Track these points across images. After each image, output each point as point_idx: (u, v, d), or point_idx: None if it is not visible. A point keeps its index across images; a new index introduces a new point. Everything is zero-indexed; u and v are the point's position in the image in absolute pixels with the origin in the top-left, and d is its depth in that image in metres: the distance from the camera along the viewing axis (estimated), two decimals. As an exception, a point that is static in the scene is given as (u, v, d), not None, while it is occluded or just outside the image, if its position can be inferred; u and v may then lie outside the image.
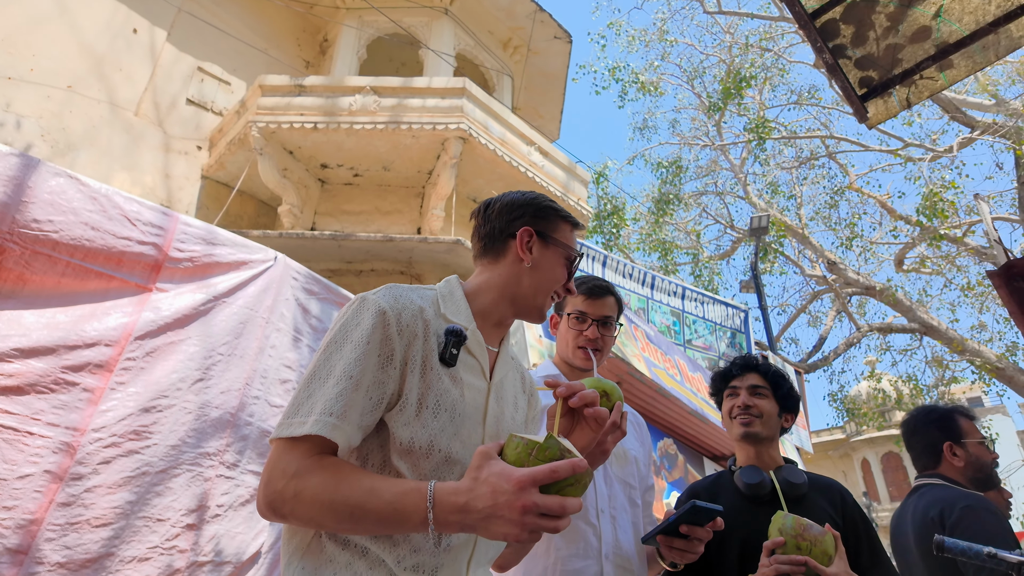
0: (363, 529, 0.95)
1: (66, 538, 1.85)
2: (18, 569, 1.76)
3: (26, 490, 1.83)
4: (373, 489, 0.92)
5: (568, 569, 1.47)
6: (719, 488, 1.81)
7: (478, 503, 0.85)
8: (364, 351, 1.01)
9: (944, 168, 11.50)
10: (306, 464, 0.95)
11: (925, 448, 2.22)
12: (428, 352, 1.06)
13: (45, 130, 5.47)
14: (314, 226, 6.30)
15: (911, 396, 12.26)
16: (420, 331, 1.06)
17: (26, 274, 2.02)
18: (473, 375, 1.12)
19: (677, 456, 5.15)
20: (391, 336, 1.03)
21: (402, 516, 0.89)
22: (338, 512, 0.92)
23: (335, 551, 0.99)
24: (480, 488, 0.86)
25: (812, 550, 1.45)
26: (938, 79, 2.34)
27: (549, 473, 0.84)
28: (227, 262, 2.52)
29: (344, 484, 0.93)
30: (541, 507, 0.83)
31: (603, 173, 14.01)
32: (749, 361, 1.95)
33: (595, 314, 1.77)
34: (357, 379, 0.99)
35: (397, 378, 1.03)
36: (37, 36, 5.62)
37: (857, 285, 11.64)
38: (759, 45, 13.02)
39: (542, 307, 1.22)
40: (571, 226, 1.27)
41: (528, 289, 1.20)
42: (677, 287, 6.84)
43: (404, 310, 1.06)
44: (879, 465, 22.48)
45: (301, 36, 7.90)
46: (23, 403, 1.89)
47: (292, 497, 0.94)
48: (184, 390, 2.22)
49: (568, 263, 1.23)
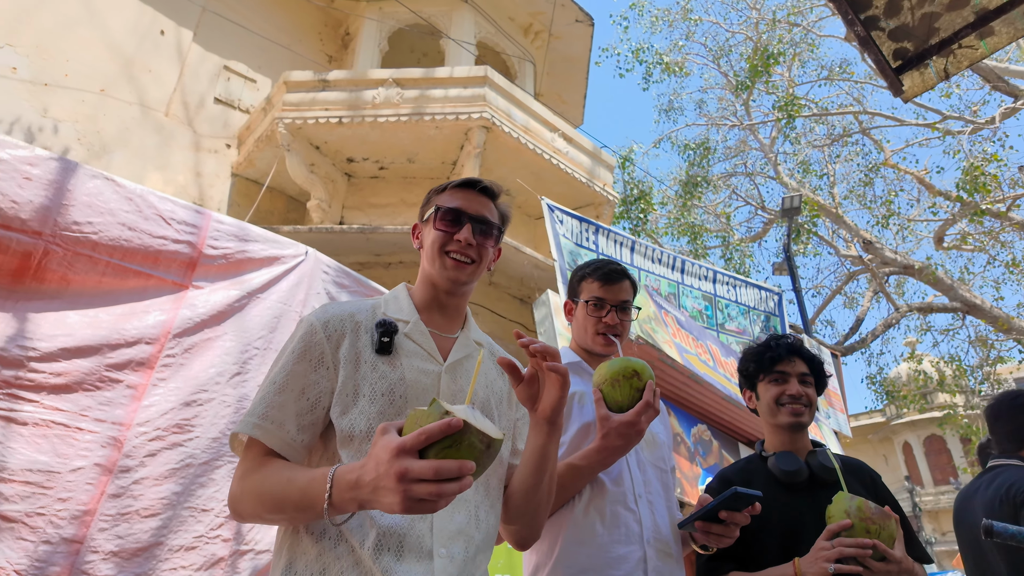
0: (288, 517, 1.03)
1: (117, 528, 1.92)
2: (75, 558, 1.84)
3: (78, 482, 1.90)
4: (290, 479, 1.00)
5: (612, 556, 1.47)
6: (751, 474, 1.78)
7: (366, 476, 0.86)
8: (291, 359, 1.13)
9: (986, 140, 11.07)
10: (249, 466, 1.08)
11: (1009, 433, 2.18)
12: (360, 348, 1.15)
13: (80, 133, 5.63)
14: (342, 220, 6.38)
15: (954, 377, 11.92)
16: (349, 331, 1.17)
17: (69, 275, 2.09)
18: (420, 360, 1.19)
19: (712, 442, 5.11)
20: (318, 342, 1.14)
21: (310, 499, 0.95)
22: (265, 504, 1.03)
23: (308, 543, 1.05)
24: (369, 462, 0.87)
25: (880, 533, 1.42)
26: (978, 47, 2.24)
27: (418, 436, 0.82)
28: (260, 258, 2.57)
29: (268, 479, 1.03)
30: (413, 472, 0.81)
31: (629, 157, 13.84)
32: (795, 346, 1.87)
33: (613, 300, 1.75)
34: (281, 383, 1.11)
35: (331, 376, 1.13)
36: (69, 41, 5.77)
37: (895, 264, 11.33)
38: (787, 20, 12.67)
39: (441, 269, 1.25)
40: (450, 192, 1.31)
41: (427, 263, 1.29)
42: (708, 271, 6.74)
43: (331, 319, 1.18)
44: (921, 448, 21.97)
45: (323, 31, 7.95)
46: (72, 400, 1.97)
47: (239, 497, 1.07)
48: (223, 384, 2.28)
49: (438, 219, 1.26)
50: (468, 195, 1.30)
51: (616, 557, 1.47)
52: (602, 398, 1.44)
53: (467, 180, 1.31)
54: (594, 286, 1.77)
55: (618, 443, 1.42)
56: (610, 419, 1.41)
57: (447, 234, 1.25)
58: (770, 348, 1.87)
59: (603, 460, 1.46)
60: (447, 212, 1.27)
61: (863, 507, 1.46)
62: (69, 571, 1.82)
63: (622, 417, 1.40)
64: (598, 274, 1.77)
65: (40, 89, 5.51)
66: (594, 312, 1.74)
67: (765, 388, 1.85)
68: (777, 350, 1.85)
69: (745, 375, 1.94)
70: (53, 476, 1.87)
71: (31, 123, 5.38)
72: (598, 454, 1.44)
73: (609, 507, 1.52)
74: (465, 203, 1.29)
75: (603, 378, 1.46)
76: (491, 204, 1.33)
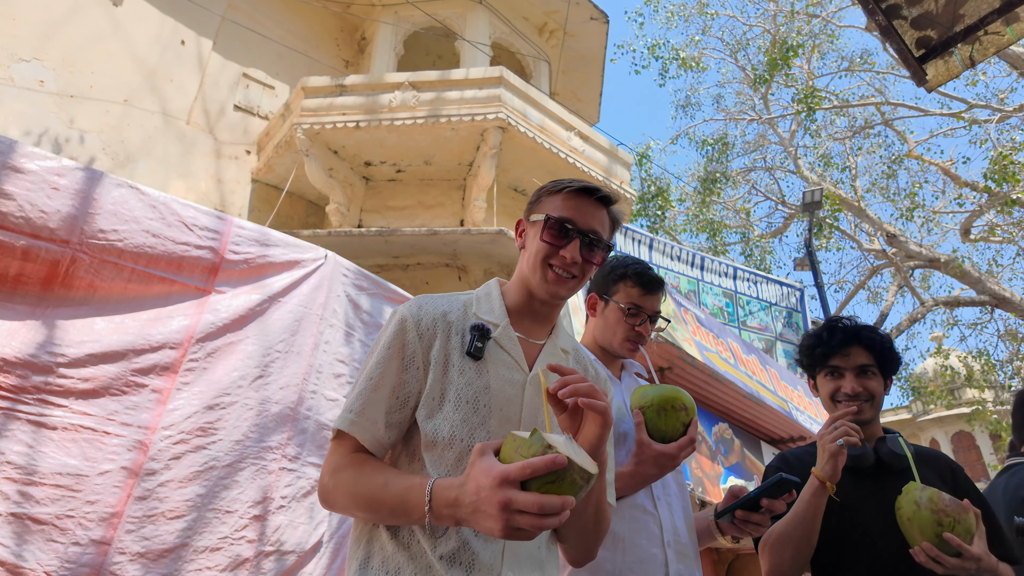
0: (382, 518, 1.04)
1: (144, 529, 1.96)
2: (103, 559, 1.87)
3: (106, 485, 1.94)
4: (386, 483, 1.02)
5: (635, 559, 1.46)
6: (813, 456, 1.67)
7: (465, 498, 0.89)
8: (386, 355, 1.13)
9: (1014, 128, 10.81)
10: (343, 461, 1.09)
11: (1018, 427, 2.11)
12: (450, 350, 1.13)
13: (105, 143, 5.75)
14: (361, 223, 6.43)
15: (983, 372, 11.65)
16: (441, 332, 1.14)
17: (96, 282, 2.13)
18: (506, 368, 1.15)
19: (733, 440, 5.05)
20: (410, 340, 1.13)
21: (407, 507, 0.98)
22: (360, 503, 1.04)
23: (385, 541, 1.07)
24: (469, 483, 0.90)
25: (955, 527, 1.34)
26: (1005, 34, 2.19)
27: (522, 469, 0.84)
28: (280, 262, 2.60)
29: (364, 479, 1.04)
30: (517, 504, 0.83)
31: (646, 154, 13.75)
32: (852, 333, 1.69)
33: (650, 309, 1.71)
34: (377, 380, 1.10)
35: (420, 377, 1.12)
36: (95, 54, 5.90)
37: (920, 258, 11.10)
38: (805, 11, 12.48)
39: (541, 280, 1.20)
40: (562, 195, 1.23)
41: (526, 270, 1.24)
42: (728, 267, 6.67)
43: (424, 316, 1.15)
44: (949, 445, 21.51)
45: (339, 36, 8.03)
46: (99, 405, 2.01)
47: (332, 490, 1.07)
48: (245, 387, 2.31)
49: (545, 228, 1.20)
50: (581, 204, 1.22)
51: (638, 560, 1.47)
52: (643, 422, 1.44)
53: (584, 187, 1.22)
54: (634, 292, 1.71)
55: (653, 471, 1.43)
56: (650, 447, 1.41)
57: (553, 247, 1.19)
58: (822, 340, 1.73)
59: (633, 485, 1.47)
60: (556, 224, 1.19)
61: (935, 498, 1.37)
62: (98, 572, 1.86)
63: (663, 448, 1.41)
64: (640, 280, 1.71)
65: (67, 101, 5.64)
66: (630, 318, 1.69)
67: (822, 382, 1.74)
68: (830, 342, 1.70)
69: (804, 366, 1.83)
70: (82, 479, 1.92)
71: (58, 134, 5.51)
72: (631, 479, 1.45)
73: (630, 511, 1.51)
74: (577, 214, 1.21)
75: (649, 403, 1.45)
76: (604, 213, 1.25)
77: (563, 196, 1.23)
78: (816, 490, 1.48)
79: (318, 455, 2.46)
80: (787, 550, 1.50)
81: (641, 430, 1.44)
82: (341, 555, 2.41)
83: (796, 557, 1.50)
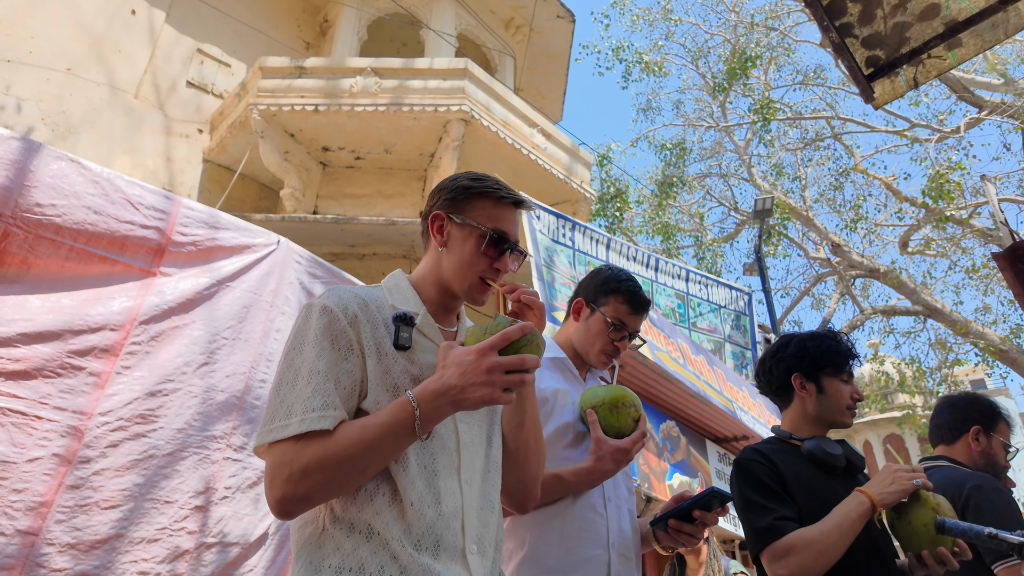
0: (371, 463, 1.00)
1: (75, 520, 1.88)
2: (29, 550, 1.78)
3: (35, 473, 1.85)
4: (364, 426, 1.00)
5: (579, 558, 1.49)
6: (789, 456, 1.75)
7: (451, 380, 0.98)
8: (322, 347, 1.06)
9: (951, 149, 11.40)
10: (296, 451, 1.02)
11: (952, 422, 2.22)
12: (379, 339, 1.11)
13: (45, 113, 5.45)
14: (316, 210, 6.29)
15: (914, 378, 12.28)
16: (365, 320, 1.11)
17: (30, 258, 2.02)
18: (432, 355, 1.16)
19: (680, 438, 5.18)
20: (343, 329, 1.08)
21: (396, 427, 0.99)
22: (343, 461, 0.98)
23: (341, 538, 1.01)
24: (448, 370, 0.99)
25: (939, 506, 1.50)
26: (946, 58, 2.30)
27: (502, 337, 0.98)
28: (230, 246, 2.52)
29: (338, 437, 1.00)
30: (503, 364, 0.97)
31: (606, 155, 13.91)
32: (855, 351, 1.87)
33: (633, 328, 1.73)
34: (324, 372, 1.04)
35: (361, 365, 1.09)
36: (35, 17, 5.57)
37: (861, 267, 11.61)
38: (764, 24, 12.85)
39: (469, 288, 1.21)
40: (493, 200, 1.23)
41: (449, 273, 1.22)
42: (681, 270, 6.82)
43: (348, 304, 1.11)
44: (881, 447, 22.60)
45: (301, 17, 7.81)
46: (30, 387, 1.91)
47: (300, 478, 0.97)
48: (189, 374, 2.24)
49: (483, 240, 1.19)
50: (510, 214, 1.24)
51: (582, 560, 1.49)
52: (597, 420, 1.51)
53: (516, 198, 1.25)
54: (623, 309, 1.71)
55: (609, 467, 1.49)
56: (606, 443, 1.49)
57: (489, 259, 1.20)
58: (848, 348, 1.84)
59: (591, 481, 1.52)
60: (497, 239, 1.20)
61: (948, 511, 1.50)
62: (24, 563, 1.77)
63: (618, 443, 1.49)
64: (631, 299, 1.72)
65: (3, 66, 5.31)
66: (613, 332, 1.70)
67: (835, 384, 1.78)
68: (852, 352, 1.83)
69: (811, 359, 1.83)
70: (9, 466, 1.82)
71: (-8, 100, 5.19)
72: (589, 475, 1.50)
73: (580, 510, 1.54)
74: (510, 226, 1.23)
75: (600, 402, 1.53)
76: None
77: (494, 204, 1.23)
78: (866, 512, 1.52)
79: (264, 445, 2.40)
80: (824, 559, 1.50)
81: (596, 428, 1.51)
82: (287, 547, 2.36)
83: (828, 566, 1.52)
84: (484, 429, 1.21)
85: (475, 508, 1.12)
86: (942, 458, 2.17)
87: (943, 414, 2.28)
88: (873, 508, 1.51)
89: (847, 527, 1.50)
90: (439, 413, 1.00)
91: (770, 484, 1.66)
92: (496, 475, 1.22)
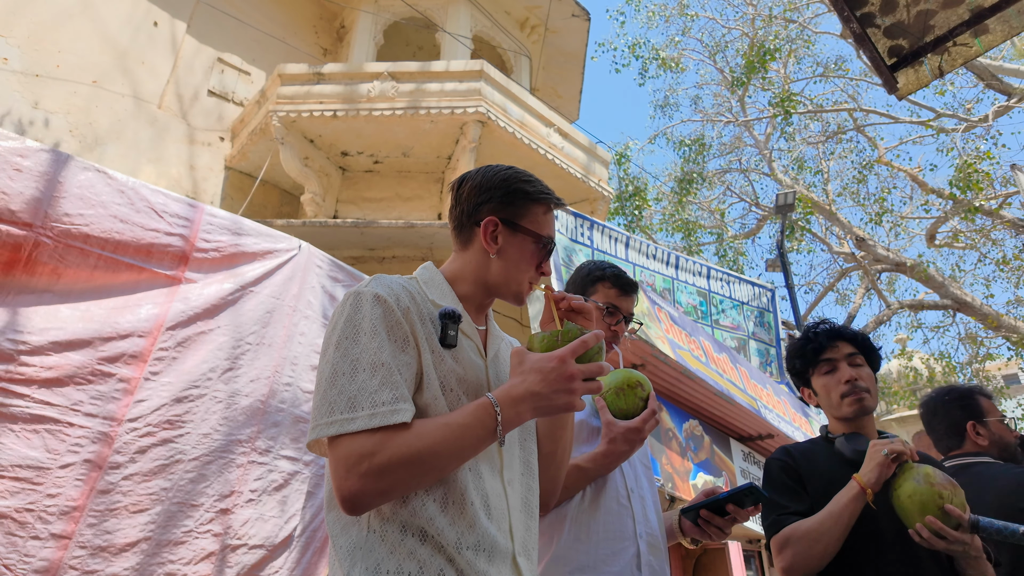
0: (451, 463, 0.99)
1: (106, 523, 1.92)
2: (63, 553, 1.83)
3: (68, 479, 1.89)
4: (446, 423, 1.00)
5: (608, 552, 1.49)
6: (816, 452, 1.75)
7: (534, 387, 0.99)
8: (382, 338, 1.03)
9: (979, 138, 11.12)
10: (375, 445, 0.96)
11: (948, 429, 2.19)
12: (428, 334, 1.09)
13: (73, 126, 5.58)
14: (336, 214, 6.35)
15: (944, 374, 12.01)
16: (416, 314, 1.09)
17: (60, 268, 2.07)
18: (472, 354, 1.16)
19: (703, 437, 5.13)
20: (398, 320, 1.05)
21: (479, 429, 0.99)
22: (427, 458, 0.96)
23: (396, 538, 0.97)
24: (529, 376, 1.00)
25: (953, 500, 1.45)
26: (972, 45, 2.25)
27: (581, 344, 1.01)
28: (253, 251, 2.55)
29: (421, 433, 0.97)
30: (584, 372, 0.99)
31: (624, 153, 13.84)
32: (834, 329, 1.78)
33: (626, 310, 1.77)
34: (389, 364, 1.01)
35: (416, 358, 1.06)
36: (62, 33, 5.71)
37: (887, 261, 11.39)
38: (783, 16, 12.67)
39: (518, 293, 1.22)
40: (545, 206, 1.24)
41: (498, 277, 1.21)
42: (702, 267, 6.76)
43: (399, 295, 1.09)
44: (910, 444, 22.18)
45: (318, 23, 7.90)
46: (63, 394, 1.96)
47: (381, 472, 0.93)
48: (214, 380, 2.27)
49: (538, 248, 1.22)
50: (553, 218, 1.28)
51: (611, 553, 1.49)
52: (606, 405, 1.53)
53: (561, 203, 1.27)
54: (611, 292, 1.76)
55: (623, 448, 1.50)
56: (616, 425, 1.50)
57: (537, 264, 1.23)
58: (810, 339, 1.79)
59: (608, 464, 1.52)
60: (549, 247, 1.24)
61: (931, 474, 1.48)
62: (57, 566, 1.81)
63: (629, 424, 1.50)
64: (618, 282, 1.77)
65: (32, 80, 5.45)
66: (607, 317, 1.75)
67: (819, 381, 1.77)
68: (817, 339, 1.78)
69: (795, 373, 1.86)
70: (43, 472, 1.86)
71: (22, 115, 5.32)
72: (604, 458, 1.51)
73: (604, 504, 1.54)
74: (552, 230, 1.27)
75: (606, 388, 1.53)
76: None
77: (545, 211, 1.25)
78: (856, 495, 1.52)
79: (292, 448, 2.43)
80: (818, 547, 1.52)
81: (605, 412, 1.53)
82: (311, 549, 2.39)
83: (825, 554, 1.53)
84: (517, 431, 1.21)
85: (517, 510, 1.11)
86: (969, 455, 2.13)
87: (933, 428, 2.26)
88: (864, 491, 1.51)
89: (838, 512, 1.52)
90: (520, 418, 1.00)
91: (785, 481, 1.68)
92: (533, 480, 1.21)
